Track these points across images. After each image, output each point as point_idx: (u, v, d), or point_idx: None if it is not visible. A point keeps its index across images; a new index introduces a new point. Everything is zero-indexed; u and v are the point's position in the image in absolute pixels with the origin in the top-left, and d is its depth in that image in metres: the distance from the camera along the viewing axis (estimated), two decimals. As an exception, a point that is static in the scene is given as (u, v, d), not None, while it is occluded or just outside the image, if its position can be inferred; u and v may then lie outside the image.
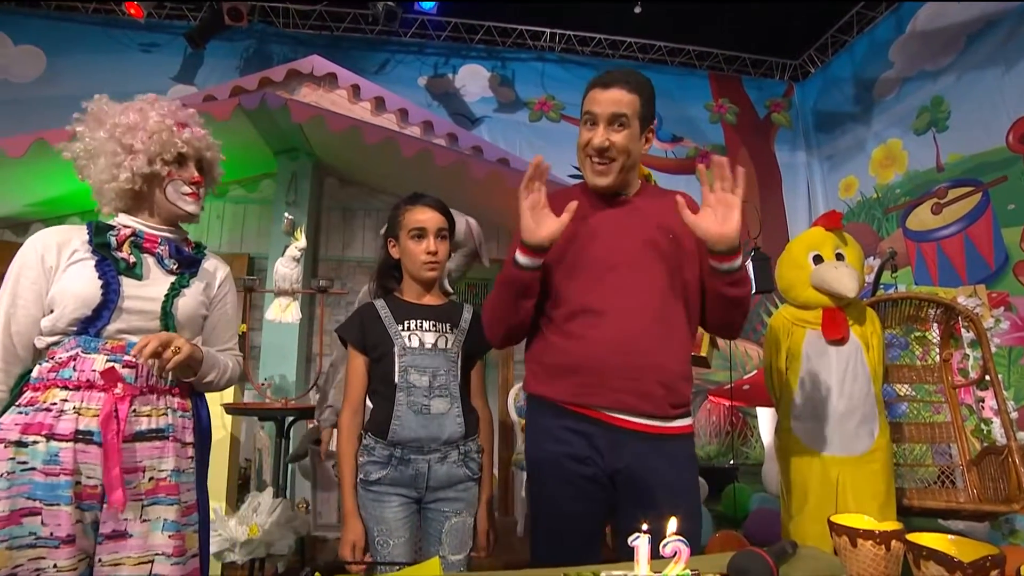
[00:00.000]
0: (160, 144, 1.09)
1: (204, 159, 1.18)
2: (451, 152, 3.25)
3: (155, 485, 1.03)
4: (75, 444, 0.97)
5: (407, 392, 1.24)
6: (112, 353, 1.03)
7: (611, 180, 1.18)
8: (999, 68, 4.01)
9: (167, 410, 1.07)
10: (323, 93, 3.70)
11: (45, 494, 0.95)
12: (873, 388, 1.66)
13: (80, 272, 1.03)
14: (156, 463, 1.04)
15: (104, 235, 1.07)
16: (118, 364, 1.03)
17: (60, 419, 0.98)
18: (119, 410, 0.99)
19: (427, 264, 1.30)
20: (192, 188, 1.14)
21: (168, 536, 1.02)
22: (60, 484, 0.96)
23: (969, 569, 0.51)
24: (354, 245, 4.23)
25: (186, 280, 1.13)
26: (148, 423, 1.04)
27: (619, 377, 1.11)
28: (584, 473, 1.12)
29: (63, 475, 0.96)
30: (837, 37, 5.27)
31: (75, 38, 4.58)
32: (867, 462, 1.61)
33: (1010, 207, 3.91)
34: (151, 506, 1.02)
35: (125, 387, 1.01)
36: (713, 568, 0.78)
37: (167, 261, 1.12)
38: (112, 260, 1.06)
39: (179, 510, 1.05)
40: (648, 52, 5.45)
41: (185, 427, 1.11)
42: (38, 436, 0.97)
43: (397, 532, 1.21)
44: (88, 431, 0.98)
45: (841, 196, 5.31)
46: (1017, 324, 3.77)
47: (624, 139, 1.15)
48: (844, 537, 0.66)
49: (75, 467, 0.97)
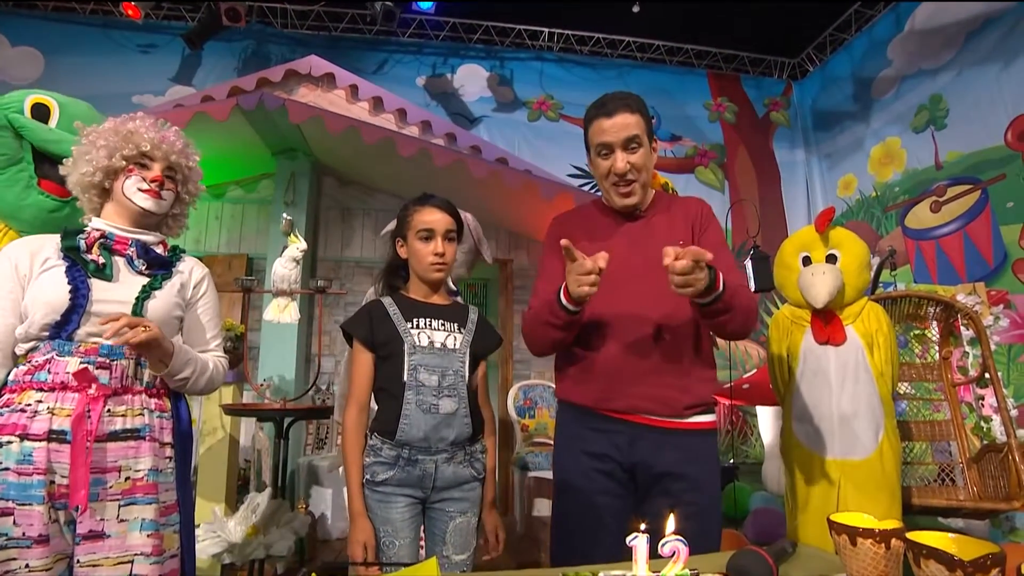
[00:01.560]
0: (122, 139, 1.12)
1: (174, 166, 1.19)
2: (450, 152, 3.24)
3: (132, 485, 1.04)
4: (48, 444, 0.98)
5: (416, 391, 1.22)
6: (85, 356, 1.04)
7: (637, 199, 1.27)
8: (998, 65, 4.01)
9: (143, 410, 1.08)
10: (321, 93, 3.69)
11: (18, 494, 0.96)
12: (878, 389, 1.59)
13: (50, 278, 1.05)
14: (132, 463, 1.05)
15: (73, 239, 1.09)
16: (92, 366, 1.04)
17: (34, 419, 0.99)
18: (92, 410, 1.00)
19: (435, 265, 1.30)
20: (150, 185, 1.13)
21: (147, 535, 1.02)
22: (33, 484, 0.96)
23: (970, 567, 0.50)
24: (353, 245, 4.23)
25: (158, 282, 1.14)
26: (123, 423, 1.05)
27: (634, 383, 1.19)
28: (604, 468, 1.19)
29: (36, 475, 0.97)
30: (836, 35, 5.27)
31: (73, 39, 4.57)
32: (870, 466, 1.56)
33: (1009, 205, 3.91)
34: (128, 506, 1.03)
35: (99, 387, 1.03)
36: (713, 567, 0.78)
37: (136, 262, 1.13)
38: (82, 263, 1.07)
39: (157, 509, 1.05)
40: (647, 51, 5.45)
41: (163, 427, 1.11)
42: (12, 436, 0.98)
43: (403, 533, 1.20)
44: (61, 431, 0.99)
45: (840, 194, 5.31)
46: (1016, 322, 3.77)
47: (641, 158, 1.24)
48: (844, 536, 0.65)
49: (48, 466, 0.98)
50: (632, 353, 1.19)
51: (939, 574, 0.52)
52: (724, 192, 5.43)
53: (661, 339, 1.19)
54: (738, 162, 5.57)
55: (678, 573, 0.66)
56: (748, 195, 5.37)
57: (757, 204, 5.03)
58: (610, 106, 1.21)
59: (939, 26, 4.41)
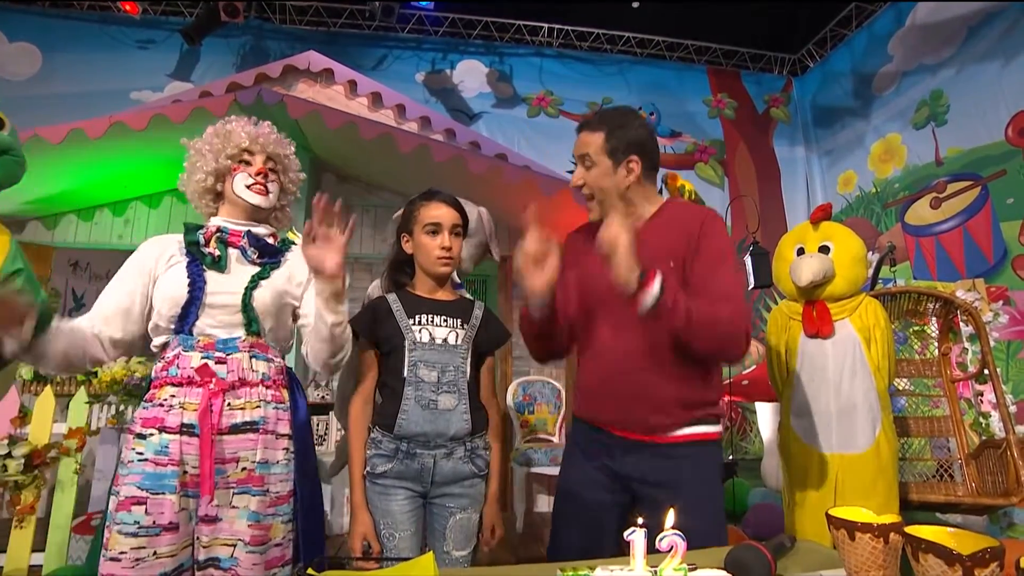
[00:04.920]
0: (222, 140, 1.21)
1: (273, 156, 1.25)
2: (449, 147, 3.23)
3: (247, 475, 1.09)
4: (181, 436, 1.06)
5: (415, 387, 1.24)
6: (204, 350, 1.10)
7: (596, 215, 1.27)
8: (998, 61, 4.00)
9: (260, 403, 1.12)
10: (320, 89, 3.67)
11: (153, 483, 1.03)
12: (875, 384, 1.61)
13: (174, 274, 1.13)
14: (249, 454, 1.09)
15: (194, 234, 1.18)
16: (211, 361, 1.09)
17: (169, 413, 1.07)
18: (213, 404, 1.06)
19: (441, 259, 1.31)
20: (255, 179, 1.20)
21: (248, 525, 1.07)
22: (167, 474, 1.04)
23: (968, 561, 0.50)
24: (352, 241, 4.20)
25: (267, 272, 1.19)
26: (242, 416, 1.09)
27: (614, 401, 1.22)
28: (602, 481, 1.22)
29: (171, 465, 1.04)
30: (836, 31, 5.25)
31: (70, 35, 4.56)
32: (867, 460, 1.57)
33: (1009, 201, 3.90)
34: (240, 495, 1.08)
35: (217, 382, 1.08)
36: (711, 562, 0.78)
37: (249, 252, 1.19)
38: (200, 257, 1.15)
39: (263, 501, 1.09)
40: (646, 47, 5.44)
41: (280, 419, 1.14)
42: (152, 429, 1.06)
43: (403, 525, 1.21)
44: (191, 424, 1.06)
45: (840, 191, 5.31)
46: (1016, 318, 3.77)
47: (592, 177, 1.25)
48: (842, 530, 0.65)
49: (181, 458, 1.05)
50: (608, 374, 1.21)
51: (938, 568, 0.52)
52: (724, 188, 5.42)
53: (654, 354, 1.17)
54: (738, 158, 5.56)
55: (675, 568, 0.66)
56: (748, 191, 5.36)
57: (757, 200, 5.02)
58: (582, 122, 1.28)
59: (940, 22, 4.40)
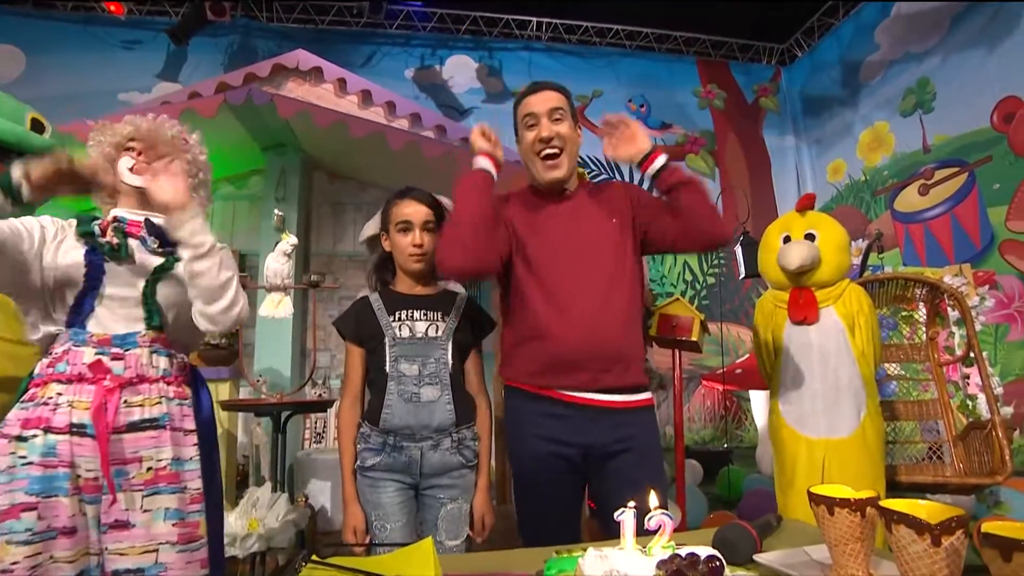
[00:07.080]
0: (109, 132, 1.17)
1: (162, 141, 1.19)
2: (440, 144, 3.24)
3: (154, 475, 1.04)
4: (71, 437, 0.99)
5: (397, 381, 1.27)
6: (99, 346, 1.05)
7: (564, 172, 1.26)
8: (983, 48, 4.04)
9: (161, 399, 1.08)
10: (309, 87, 3.67)
11: (43, 487, 0.96)
12: (860, 370, 1.64)
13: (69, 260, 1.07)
14: (154, 452, 1.05)
15: (88, 224, 1.10)
16: (105, 357, 1.04)
17: (56, 412, 1.00)
18: (107, 401, 1.00)
19: (413, 256, 1.34)
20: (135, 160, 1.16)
21: (171, 524, 1.03)
22: (58, 475, 0.97)
23: (936, 530, 0.53)
24: (345, 239, 4.23)
25: (171, 263, 1.13)
26: (141, 413, 1.05)
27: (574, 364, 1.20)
28: (558, 453, 1.21)
29: (61, 467, 0.98)
30: (823, 21, 5.28)
31: (55, 37, 4.52)
32: (853, 444, 1.60)
33: (995, 187, 3.96)
34: (152, 496, 1.03)
35: (113, 378, 1.02)
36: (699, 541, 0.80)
37: (149, 241, 1.13)
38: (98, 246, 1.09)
39: (182, 499, 1.05)
40: (635, 39, 5.45)
41: (184, 415, 1.11)
42: (36, 430, 0.99)
43: (394, 517, 1.24)
44: (81, 424, 1.00)
45: (829, 179, 5.35)
46: (1003, 302, 3.83)
47: (567, 129, 1.26)
48: (822, 507, 0.68)
49: (72, 460, 0.99)
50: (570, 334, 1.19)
51: (909, 537, 0.55)
52: (715, 179, 5.45)
53: (598, 319, 1.20)
54: (728, 149, 5.59)
55: (664, 546, 0.68)
56: (738, 182, 5.40)
57: (747, 191, 5.05)
58: (536, 86, 1.30)
59: (925, 10, 4.43)
